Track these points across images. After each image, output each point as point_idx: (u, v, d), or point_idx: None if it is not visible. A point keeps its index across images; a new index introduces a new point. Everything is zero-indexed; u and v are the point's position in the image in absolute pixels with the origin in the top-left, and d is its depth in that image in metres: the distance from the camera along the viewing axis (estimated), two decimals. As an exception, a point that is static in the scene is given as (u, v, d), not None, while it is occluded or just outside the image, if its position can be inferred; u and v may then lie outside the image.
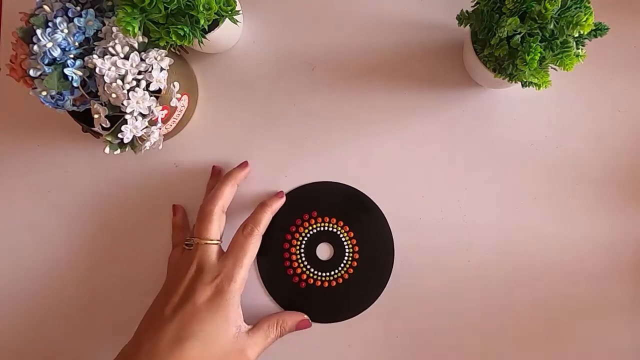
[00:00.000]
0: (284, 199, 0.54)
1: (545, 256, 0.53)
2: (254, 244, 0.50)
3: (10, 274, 0.55)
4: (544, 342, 0.52)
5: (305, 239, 0.54)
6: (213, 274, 0.48)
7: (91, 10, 0.45)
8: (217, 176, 0.54)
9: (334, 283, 0.53)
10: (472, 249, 0.53)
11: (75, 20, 0.44)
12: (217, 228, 0.50)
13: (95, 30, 0.45)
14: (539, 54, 0.42)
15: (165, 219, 0.55)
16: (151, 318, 0.48)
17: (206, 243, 0.49)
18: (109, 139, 0.45)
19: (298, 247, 0.54)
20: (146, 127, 0.46)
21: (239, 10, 0.49)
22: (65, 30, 0.44)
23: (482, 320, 0.53)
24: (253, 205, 0.53)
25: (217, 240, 0.50)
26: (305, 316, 0.52)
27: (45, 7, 0.45)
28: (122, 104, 0.44)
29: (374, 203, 0.54)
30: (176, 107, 0.49)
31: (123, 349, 0.48)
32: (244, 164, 0.54)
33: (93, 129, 0.46)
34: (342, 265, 0.54)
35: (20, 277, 0.55)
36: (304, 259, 0.54)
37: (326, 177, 0.55)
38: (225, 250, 0.50)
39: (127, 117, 0.44)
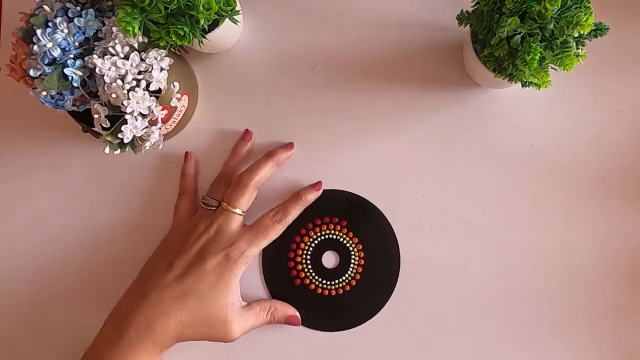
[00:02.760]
0: (320, 192, 0.53)
1: (545, 256, 0.53)
2: (276, 231, 0.51)
3: (10, 273, 0.55)
4: (543, 341, 0.52)
5: (311, 247, 0.54)
6: (229, 241, 0.49)
7: (91, 10, 0.45)
8: (247, 141, 0.54)
9: (341, 291, 0.53)
10: (471, 249, 0.53)
11: (75, 20, 0.44)
12: (247, 200, 0.51)
13: (95, 30, 0.45)
14: (539, 54, 0.42)
15: (166, 219, 0.55)
16: (159, 266, 0.50)
17: (233, 211, 0.50)
18: (109, 139, 0.45)
19: (304, 257, 0.54)
20: (146, 127, 0.46)
21: (239, 10, 0.49)
22: (65, 30, 0.44)
23: (481, 321, 0.53)
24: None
25: (243, 212, 0.51)
26: (297, 313, 0.53)
27: (45, 7, 0.45)
28: (122, 104, 0.44)
29: (377, 208, 0.54)
30: (176, 107, 0.49)
31: (127, 292, 0.50)
32: (289, 145, 0.54)
33: (93, 129, 0.46)
34: (349, 273, 0.53)
35: (20, 277, 0.55)
36: (310, 267, 0.54)
37: (325, 177, 0.54)
38: (245, 225, 0.51)
39: (127, 117, 0.44)
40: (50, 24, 0.44)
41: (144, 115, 0.45)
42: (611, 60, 0.54)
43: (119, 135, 0.45)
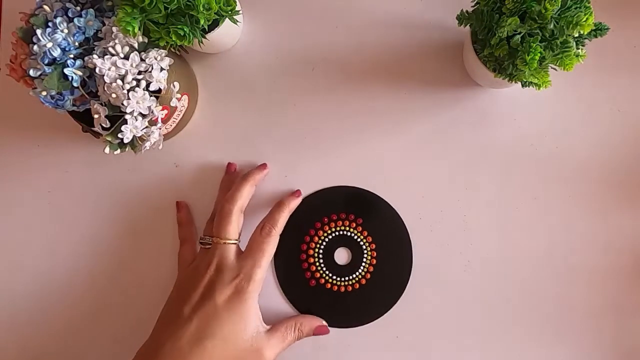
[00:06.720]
0: (300, 198, 0.54)
1: (545, 256, 0.53)
2: (271, 244, 0.50)
3: (10, 274, 0.55)
4: (544, 341, 0.52)
5: (323, 244, 0.54)
6: (232, 274, 0.48)
7: (91, 10, 0.45)
8: (232, 174, 0.54)
9: (350, 288, 0.53)
10: (471, 249, 0.53)
11: (75, 20, 0.44)
12: (235, 228, 0.50)
13: (95, 30, 0.45)
14: (539, 54, 0.42)
15: (166, 219, 0.55)
16: (169, 317, 0.48)
17: (225, 243, 0.49)
18: (109, 139, 0.45)
19: (316, 253, 0.54)
20: (146, 127, 0.46)
21: (239, 10, 0.49)
22: (65, 30, 0.44)
23: (481, 321, 0.53)
24: (250, 206, 0.53)
25: (236, 240, 0.50)
26: (324, 322, 0.52)
27: (45, 7, 0.45)
28: (122, 104, 0.44)
29: (390, 205, 0.54)
30: (176, 107, 0.49)
31: (140, 350, 0.48)
32: (263, 166, 0.54)
33: (93, 129, 0.46)
34: (361, 269, 0.53)
35: (21, 278, 0.55)
36: (322, 263, 0.54)
37: (326, 177, 0.54)
38: (242, 250, 0.50)
39: (127, 117, 0.44)
40: (50, 24, 0.44)
41: (144, 115, 0.45)
42: (611, 60, 0.54)
43: (119, 135, 0.45)
